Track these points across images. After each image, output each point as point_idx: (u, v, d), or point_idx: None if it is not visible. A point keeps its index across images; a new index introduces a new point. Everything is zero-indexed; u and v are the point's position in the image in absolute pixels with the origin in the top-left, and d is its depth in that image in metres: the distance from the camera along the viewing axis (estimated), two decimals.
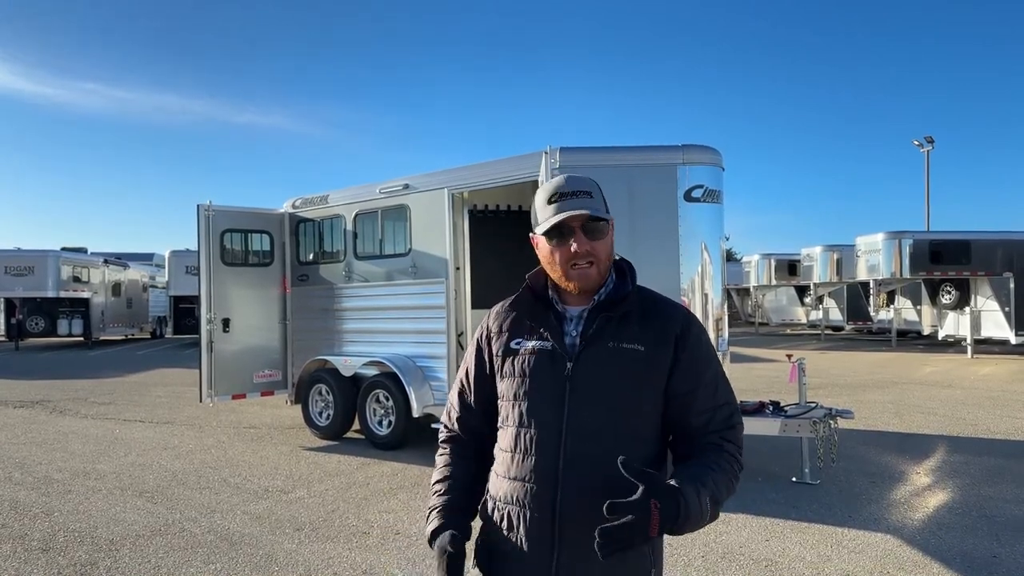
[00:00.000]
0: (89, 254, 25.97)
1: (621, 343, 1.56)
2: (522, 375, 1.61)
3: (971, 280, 17.87)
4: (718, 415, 1.58)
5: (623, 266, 1.68)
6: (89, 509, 5.47)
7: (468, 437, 1.76)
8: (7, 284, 22.47)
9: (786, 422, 6.03)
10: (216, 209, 8.17)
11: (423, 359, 7.37)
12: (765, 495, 5.72)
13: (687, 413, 1.58)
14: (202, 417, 9.51)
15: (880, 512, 5.29)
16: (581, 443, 1.52)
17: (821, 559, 4.39)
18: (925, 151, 32.52)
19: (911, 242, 18.06)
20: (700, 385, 1.58)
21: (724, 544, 4.65)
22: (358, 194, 8.13)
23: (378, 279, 7.86)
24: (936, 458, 6.96)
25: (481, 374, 1.72)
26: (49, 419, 9.63)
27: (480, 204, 7.86)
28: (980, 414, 9.32)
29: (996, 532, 4.82)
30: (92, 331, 24.29)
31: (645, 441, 1.57)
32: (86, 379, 14.46)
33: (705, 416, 1.58)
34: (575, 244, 1.55)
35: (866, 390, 11.67)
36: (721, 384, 1.62)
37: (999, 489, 5.84)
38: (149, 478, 6.39)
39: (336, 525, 5.06)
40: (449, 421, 1.80)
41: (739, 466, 1.56)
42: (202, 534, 4.88)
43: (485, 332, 1.73)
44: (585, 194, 1.57)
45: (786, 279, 26.85)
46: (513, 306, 1.71)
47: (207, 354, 8.03)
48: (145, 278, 29.43)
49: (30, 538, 4.83)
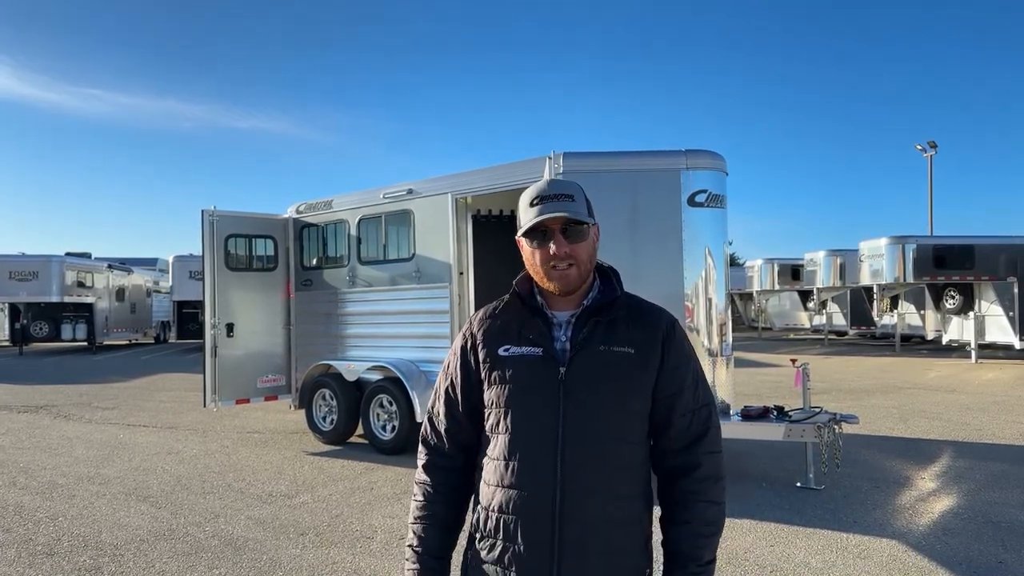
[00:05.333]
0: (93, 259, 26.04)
1: (612, 347, 1.59)
2: (514, 382, 1.60)
3: (975, 285, 17.83)
4: (699, 416, 1.63)
5: (608, 271, 1.70)
6: (93, 514, 5.48)
7: (455, 451, 1.72)
8: (11, 289, 22.53)
9: (790, 427, 6.01)
10: (220, 214, 8.19)
11: (427, 364, 7.37)
12: (769, 500, 5.71)
13: (671, 413, 1.62)
14: (206, 422, 9.52)
15: (885, 517, 5.27)
16: (577, 447, 1.52)
17: (826, 564, 4.38)
18: (928, 156, 32.49)
19: (915, 247, 18.04)
20: (684, 387, 1.62)
21: (729, 549, 4.63)
22: (362, 199, 8.15)
23: (382, 284, 7.88)
24: (941, 463, 6.94)
25: (467, 383, 1.68)
26: (53, 424, 9.65)
27: (484, 209, 7.87)
28: (985, 419, 9.29)
29: (1001, 538, 4.81)
30: (96, 336, 24.37)
31: (635, 443, 1.60)
32: (90, 384, 14.49)
33: (688, 417, 1.62)
34: (554, 246, 1.58)
35: (870, 395, 11.65)
36: (701, 384, 1.67)
37: (1004, 494, 5.82)
38: (153, 483, 6.40)
39: (340, 530, 5.06)
40: (434, 434, 1.75)
41: (721, 486, 1.63)
42: (206, 539, 4.88)
43: (470, 340, 1.70)
44: (566, 197, 1.60)
45: (789, 284, 26.84)
46: (500, 312, 1.70)
47: (211, 359, 8.05)
48: (149, 283, 29.53)
49: (34, 543, 4.84)
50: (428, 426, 1.77)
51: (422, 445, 1.78)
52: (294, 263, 8.74)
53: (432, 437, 1.76)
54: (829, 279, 23.33)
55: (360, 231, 8.10)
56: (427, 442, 1.77)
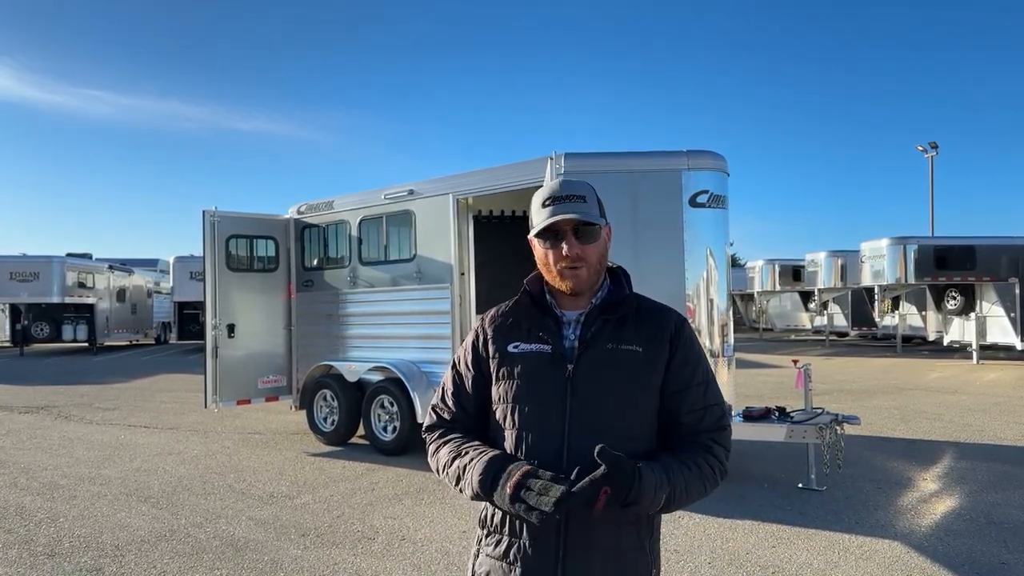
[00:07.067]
0: (94, 260, 26.10)
1: (619, 345, 1.61)
2: (522, 378, 1.62)
3: (976, 285, 17.81)
4: (709, 415, 1.64)
5: (618, 272, 1.73)
6: (94, 515, 5.47)
7: (463, 430, 1.72)
8: (12, 290, 22.54)
9: (792, 428, 6.01)
10: (221, 215, 8.19)
11: (428, 365, 7.37)
12: (771, 501, 5.70)
13: (679, 411, 1.63)
14: (207, 422, 9.52)
15: (887, 518, 5.26)
16: (583, 443, 1.52)
17: (828, 565, 4.37)
18: (929, 156, 32.49)
19: (916, 247, 18.03)
20: (692, 383, 1.64)
21: (731, 550, 4.63)
22: (363, 200, 8.15)
23: (383, 284, 7.87)
24: (943, 464, 6.93)
25: (478, 378, 1.71)
26: (54, 424, 9.65)
27: (485, 210, 7.87)
28: (986, 420, 9.28)
29: (1004, 538, 4.80)
30: (97, 337, 24.38)
31: (643, 439, 1.61)
32: (91, 384, 14.49)
33: (696, 415, 1.63)
34: (566, 247, 1.60)
35: (871, 396, 11.64)
36: (711, 384, 1.67)
37: (1006, 495, 5.81)
38: (154, 484, 6.39)
39: (341, 531, 5.05)
40: (439, 421, 1.74)
41: (723, 471, 1.62)
42: (207, 540, 4.87)
43: (481, 335, 1.73)
44: (579, 198, 1.61)
45: (790, 285, 26.82)
46: (511, 310, 1.73)
47: (212, 359, 8.05)
48: (150, 284, 29.55)
49: (35, 543, 4.84)
50: (433, 414, 1.77)
51: (428, 432, 1.76)
52: (295, 264, 8.74)
53: (437, 422, 1.75)
54: (830, 280, 23.32)
55: (361, 232, 8.10)
56: (433, 426, 1.75)
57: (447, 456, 1.64)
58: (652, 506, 1.47)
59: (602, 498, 1.38)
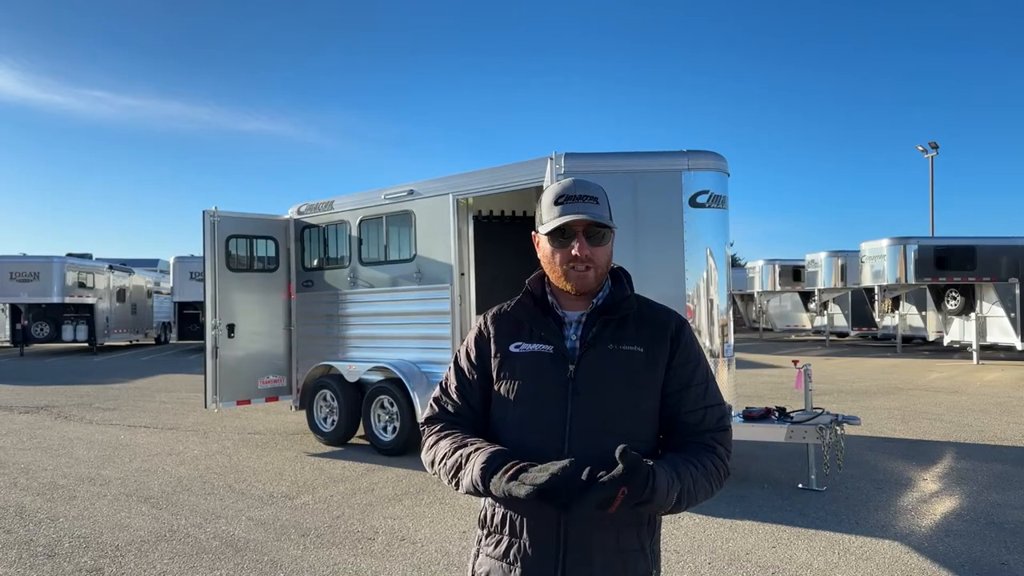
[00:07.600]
0: (94, 260, 26.09)
1: (621, 345, 1.61)
2: (524, 378, 1.62)
3: (976, 286, 17.81)
4: (710, 415, 1.64)
5: (619, 272, 1.72)
6: (94, 515, 5.47)
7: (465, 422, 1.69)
8: (12, 290, 22.56)
9: (792, 428, 6.01)
10: (221, 215, 8.19)
11: (428, 365, 7.37)
12: (771, 501, 5.70)
13: (679, 411, 1.63)
14: (207, 423, 9.51)
15: (887, 519, 5.26)
16: (584, 443, 1.53)
17: (828, 566, 4.37)
18: (929, 157, 32.48)
19: (916, 248, 18.02)
20: (692, 384, 1.64)
21: (731, 550, 4.63)
22: (363, 200, 8.15)
23: (383, 285, 7.87)
24: (943, 464, 6.93)
25: (480, 375, 1.70)
26: (54, 425, 9.64)
27: (485, 210, 7.87)
28: (987, 420, 9.28)
29: (1004, 539, 4.79)
30: (97, 337, 24.37)
31: (644, 440, 1.60)
32: (91, 385, 14.49)
33: (697, 415, 1.63)
34: (576, 248, 1.59)
35: (872, 396, 11.63)
36: (711, 384, 1.68)
37: (1007, 495, 5.81)
38: (154, 484, 6.39)
39: (341, 531, 5.05)
40: (441, 413, 1.71)
41: (725, 471, 1.62)
42: (207, 540, 4.87)
43: (484, 334, 1.72)
44: (591, 199, 1.61)
45: (790, 285, 26.79)
46: (513, 310, 1.72)
47: (212, 360, 8.05)
48: (150, 284, 29.57)
49: (35, 544, 4.84)
50: (435, 406, 1.73)
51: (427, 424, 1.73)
52: (295, 264, 8.74)
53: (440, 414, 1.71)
54: (830, 280, 23.32)
55: (361, 232, 8.10)
56: (434, 418, 1.72)
57: (448, 447, 1.61)
58: (665, 505, 1.46)
59: (620, 498, 1.37)
